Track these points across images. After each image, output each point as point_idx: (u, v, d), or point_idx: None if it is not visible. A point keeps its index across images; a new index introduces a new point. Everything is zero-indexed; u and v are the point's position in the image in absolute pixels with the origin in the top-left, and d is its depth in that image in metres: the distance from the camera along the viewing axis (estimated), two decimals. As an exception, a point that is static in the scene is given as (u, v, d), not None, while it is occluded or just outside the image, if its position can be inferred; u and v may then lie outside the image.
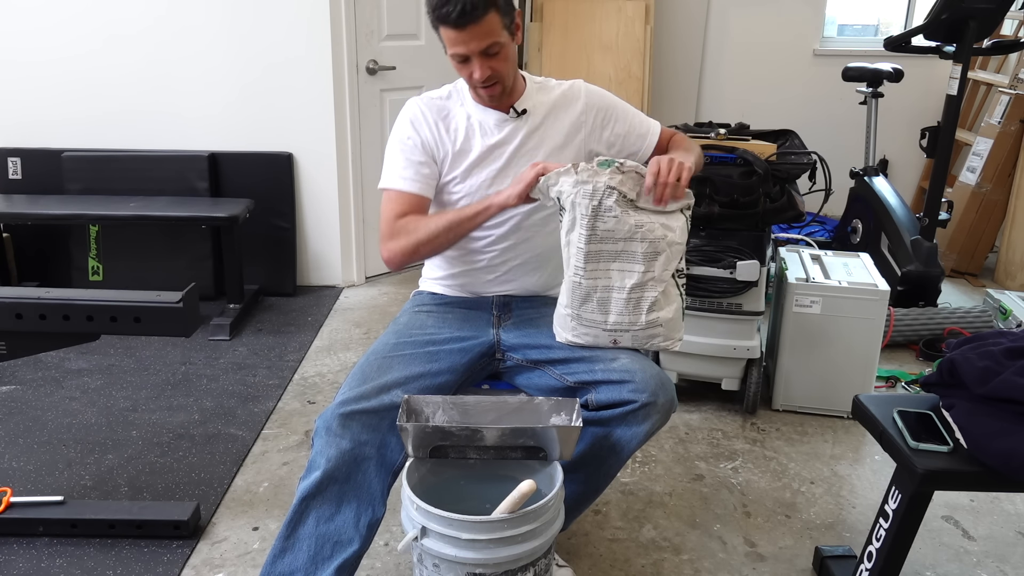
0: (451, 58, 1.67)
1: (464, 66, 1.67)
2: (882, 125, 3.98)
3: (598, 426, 1.67)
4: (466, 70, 1.68)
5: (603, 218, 1.56)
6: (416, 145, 1.76)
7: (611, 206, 1.56)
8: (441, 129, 1.77)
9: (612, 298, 1.62)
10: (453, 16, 1.58)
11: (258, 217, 3.45)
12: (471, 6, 1.57)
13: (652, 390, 1.63)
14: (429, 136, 1.77)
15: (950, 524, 2.12)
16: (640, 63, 4.26)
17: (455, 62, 1.67)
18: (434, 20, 1.63)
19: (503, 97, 1.75)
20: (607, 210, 1.56)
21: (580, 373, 1.70)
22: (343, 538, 1.52)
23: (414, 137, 1.77)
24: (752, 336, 2.55)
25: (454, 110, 1.79)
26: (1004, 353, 1.50)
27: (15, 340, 1.80)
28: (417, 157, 1.76)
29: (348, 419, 1.55)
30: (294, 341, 3.17)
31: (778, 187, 2.43)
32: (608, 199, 1.56)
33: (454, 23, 1.59)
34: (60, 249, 3.58)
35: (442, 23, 1.61)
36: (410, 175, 1.75)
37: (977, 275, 4.05)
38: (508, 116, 1.78)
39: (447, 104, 1.80)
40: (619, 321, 1.63)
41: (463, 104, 1.80)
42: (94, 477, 2.24)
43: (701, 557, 1.98)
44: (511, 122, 1.78)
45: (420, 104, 1.80)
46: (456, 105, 1.80)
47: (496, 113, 1.78)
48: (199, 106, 3.53)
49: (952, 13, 3.11)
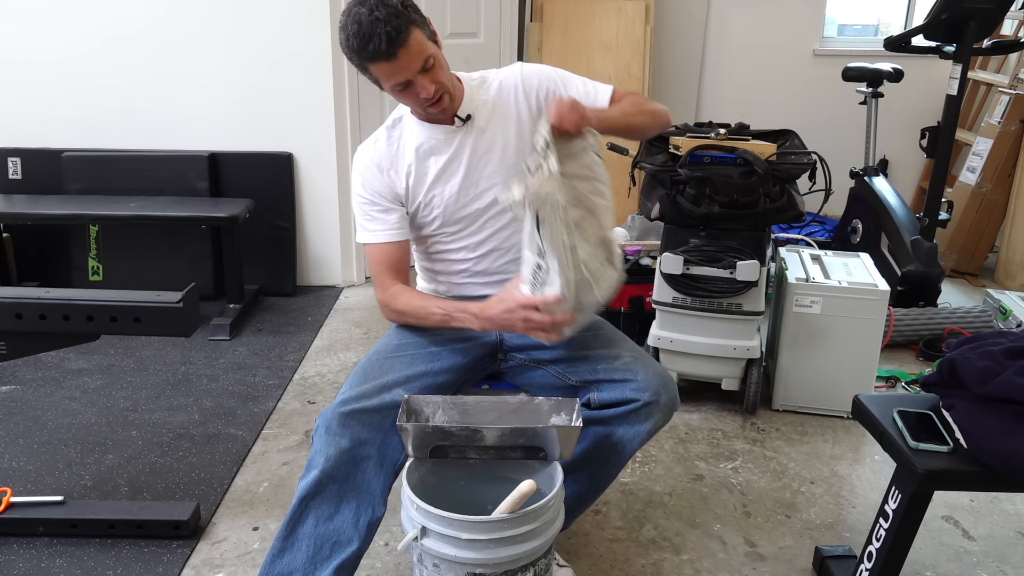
0: (391, 91, 1.61)
1: (407, 92, 1.61)
2: (882, 125, 3.97)
3: (600, 425, 1.67)
4: (411, 95, 1.62)
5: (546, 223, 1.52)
6: (371, 199, 1.75)
7: (546, 217, 1.50)
8: (391, 174, 1.74)
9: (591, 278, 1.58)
10: (383, 48, 1.51)
11: (258, 217, 3.45)
12: (395, 31, 1.51)
13: (654, 389, 1.63)
14: (380, 186, 1.74)
15: (950, 524, 2.12)
16: (640, 63, 4.26)
17: (396, 93, 1.62)
18: (362, 62, 1.56)
19: (451, 106, 1.68)
20: (543, 221, 1.51)
21: (582, 372, 1.70)
22: (342, 538, 1.52)
23: (365, 195, 1.75)
24: (752, 336, 2.55)
25: (403, 142, 1.75)
26: (1004, 353, 1.50)
27: (15, 340, 1.80)
28: (377, 210, 1.75)
29: (348, 418, 1.55)
30: (294, 341, 3.17)
31: (778, 187, 2.43)
32: (544, 210, 1.50)
33: (385, 54, 1.52)
34: (60, 249, 3.58)
35: (372, 60, 1.54)
36: (377, 228, 1.75)
37: (977, 275, 4.05)
38: (454, 127, 1.72)
39: (394, 136, 1.76)
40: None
41: (410, 132, 1.74)
42: (94, 477, 2.24)
43: (701, 557, 1.98)
44: (458, 132, 1.72)
45: (367, 155, 1.76)
46: (404, 135, 1.75)
47: (442, 128, 1.72)
48: (199, 106, 3.53)
49: (952, 13, 3.11)
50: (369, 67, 1.56)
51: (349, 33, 1.53)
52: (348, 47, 1.55)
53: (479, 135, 1.73)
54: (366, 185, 1.75)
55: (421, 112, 1.69)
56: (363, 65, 1.57)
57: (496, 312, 1.59)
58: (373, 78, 1.60)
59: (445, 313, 1.67)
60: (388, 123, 1.77)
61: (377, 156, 1.75)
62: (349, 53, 1.56)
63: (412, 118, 1.74)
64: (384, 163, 1.74)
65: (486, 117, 1.74)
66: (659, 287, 2.58)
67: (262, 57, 3.47)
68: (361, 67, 1.58)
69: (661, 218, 2.53)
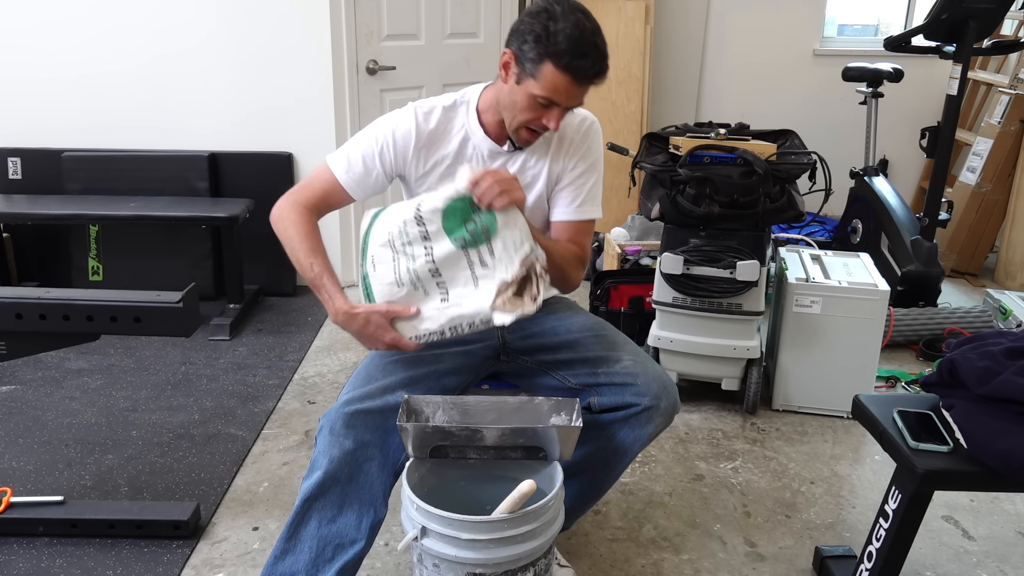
0: (530, 98, 1.54)
1: (538, 109, 1.55)
2: (882, 125, 3.98)
3: (601, 429, 1.67)
4: (537, 112, 1.56)
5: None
6: (377, 151, 1.68)
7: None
8: (419, 153, 1.69)
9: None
10: (589, 72, 1.49)
11: (258, 217, 3.43)
12: (603, 68, 1.51)
13: (655, 393, 1.63)
14: (395, 154, 1.69)
15: (950, 524, 2.12)
16: (640, 63, 4.26)
17: (530, 103, 1.55)
18: (549, 58, 1.48)
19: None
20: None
21: (582, 375, 1.70)
22: (345, 540, 1.52)
23: (377, 142, 1.68)
24: (752, 336, 2.55)
25: (452, 129, 1.69)
26: (1004, 353, 1.50)
27: (15, 340, 1.80)
28: (373, 163, 1.69)
29: (353, 419, 1.55)
30: (294, 341, 3.17)
31: (778, 187, 2.43)
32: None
33: (583, 76, 1.50)
34: (60, 249, 3.58)
35: (565, 68, 1.48)
36: (351, 168, 1.69)
37: (977, 275, 4.05)
38: (503, 149, 1.69)
39: (446, 120, 1.69)
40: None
41: (464, 125, 1.69)
42: (94, 477, 2.24)
43: (701, 557, 1.98)
44: (503, 156, 1.70)
45: (414, 119, 1.68)
46: (456, 123, 1.70)
47: (490, 142, 1.69)
48: (199, 106, 3.53)
49: (952, 13, 3.11)
50: (552, 68, 1.49)
51: (562, 30, 1.47)
52: (550, 39, 1.48)
53: (521, 169, 1.70)
54: (387, 139, 1.68)
55: (510, 124, 1.62)
56: (545, 59, 1.49)
57: (353, 327, 1.57)
58: (530, 72, 1.52)
59: (315, 279, 1.62)
60: (448, 102, 1.70)
61: (421, 130, 1.68)
62: (542, 43, 1.48)
63: (474, 115, 1.68)
64: (421, 140, 1.68)
65: (535, 158, 1.71)
66: (659, 287, 2.58)
67: (262, 57, 3.47)
68: (537, 58, 1.50)
69: (661, 218, 2.53)
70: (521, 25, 1.54)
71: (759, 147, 2.51)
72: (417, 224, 1.53)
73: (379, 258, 1.56)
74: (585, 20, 1.51)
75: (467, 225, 1.52)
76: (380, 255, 1.56)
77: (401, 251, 1.54)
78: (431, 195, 1.55)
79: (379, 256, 1.56)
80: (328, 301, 1.60)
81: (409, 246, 1.54)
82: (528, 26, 1.51)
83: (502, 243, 1.52)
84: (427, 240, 1.53)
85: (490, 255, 1.53)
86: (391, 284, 1.55)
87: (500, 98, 1.62)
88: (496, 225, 1.51)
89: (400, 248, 1.54)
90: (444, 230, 1.52)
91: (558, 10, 1.50)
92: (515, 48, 1.54)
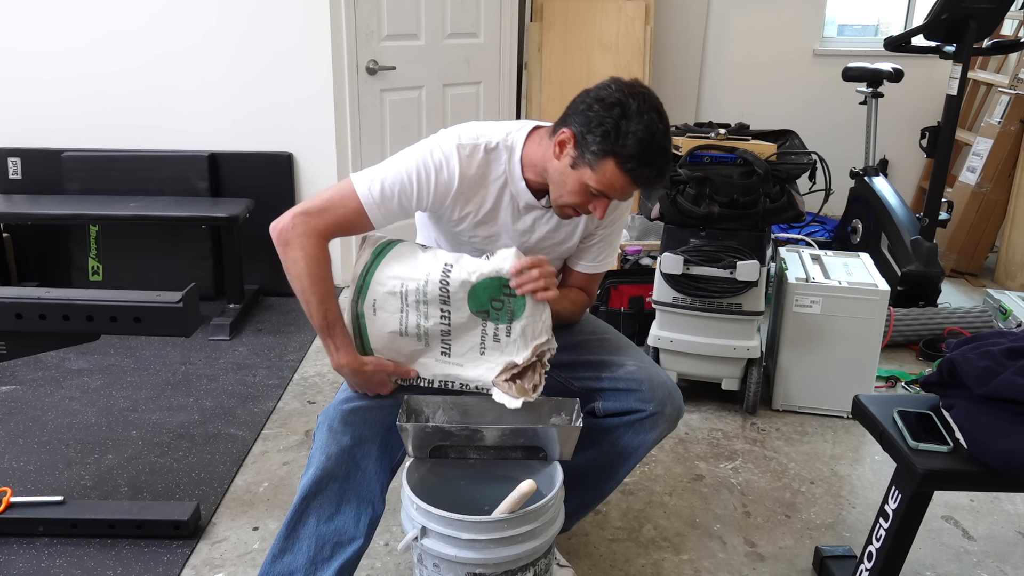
0: (583, 186, 1.49)
1: (589, 198, 1.52)
2: (882, 125, 3.97)
3: (605, 433, 1.67)
4: (586, 200, 1.52)
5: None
6: (417, 194, 1.56)
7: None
8: (459, 202, 1.59)
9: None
10: (650, 180, 1.48)
11: (258, 217, 3.44)
12: (667, 173, 1.52)
13: (660, 399, 1.63)
14: (433, 194, 1.57)
15: (950, 524, 2.12)
16: (640, 63, 4.26)
17: (581, 190, 1.50)
18: (621, 164, 1.45)
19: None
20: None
21: (586, 379, 1.70)
22: (343, 538, 1.52)
23: (424, 191, 1.56)
24: (752, 336, 2.55)
25: (491, 175, 1.60)
26: (1004, 353, 1.50)
27: (15, 340, 1.80)
28: (409, 204, 1.57)
29: (351, 415, 1.55)
30: (294, 341, 3.17)
31: (778, 187, 2.43)
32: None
33: (642, 184, 1.48)
34: (60, 249, 3.58)
35: (628, 173, 1.46)
36: (388, 208, 1.56)
37: (977, 275, 4.05)
38: (540, 203, 1.62)
39: (487, 163, 1.59)
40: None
41: (505, 172, 1.60)
42: (94, 477, 2.24)
43: (701, 557, 1.98)
44: (538, 210, 1.63)
45: (460, 162, 1.56)
46: (496, 168, 1.60)
47: (529, 195, 1.61)
48: (199, 106, 3.53)
49: (952, 13, 3.11)
50: (614, 167, 1.46)
51: (634, 133, 1.43)
52: (619, 139, 1.43)
53: (552, 227, 1.66)
54: (429, 182, 1.56)
55: (555, 199, 1.56)
56: (609, 156, 1.45)
57: (355, 379, 1.56)
58: (588, 162, 1.47)
59: (327, 328, 1.54)
60: (491, 142, 1.60)
61: (463, 176, 1.57)
62: (610, 140, 1.44)
63: (517, 164, 1.59)
64: (464, 186, 1.58)
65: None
66: (659, 287, 2.58)
67: (262, 57, 3.47)
68: (601, 153, 1.45)
69: (661, 218, 2.53)
70: (589, 111, 1.46)
71: (759, 147, 2.51)
72: (440, 289, 1.51)
73: (383, 305, 1.54)
74: (658, 121, 1.45)
75: (493, 302, 1.52)
76: (385, 303, 1.53)
77: (412, 307, 1.52)
78: (463, 264, 1.51)
79: (383, 303, 1.54)
80: (336, 351, 1.54)
81: (423, 304, 1.52)
82: (598, 117, 1.45)
83: (522, 328, 1.53)
84: (446, 305, 1.52)
85: (506, 335, 1.54)
86: (392, 334, 1.54)
87: (548, 170, 1.55)
88: (523, 312, 1.52)
89: (412, 304, 1.52)
90: (468, 302, 1.51)
91: (633, 107, 1.44)
92: (577, 132, 1.48)
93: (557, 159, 1.52)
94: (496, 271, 1.51)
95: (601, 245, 1.74)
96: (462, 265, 1.52)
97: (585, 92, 1.52)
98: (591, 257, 1.75)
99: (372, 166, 1.61)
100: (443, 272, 1.51)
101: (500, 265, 1.51)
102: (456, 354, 1.56)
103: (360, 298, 1.56)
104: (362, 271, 1.57)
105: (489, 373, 1.56)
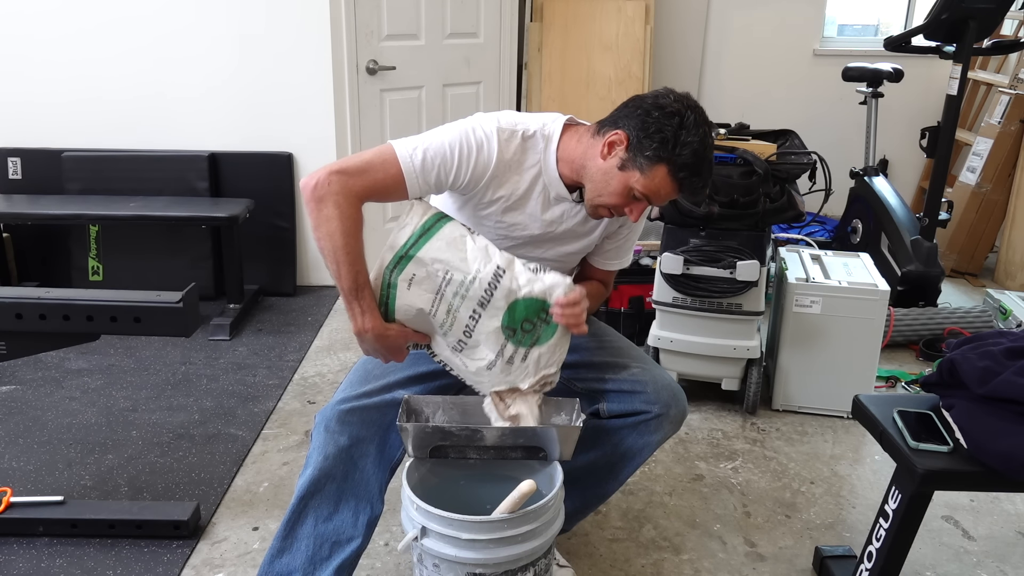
0: (627, 188, 1.50)
1: (630, 201, 1.53)
2: (882, 125, 3.97)
3: (609, 435, 1.68)
4: (625, 202, 1.53)
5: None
6: (455, 171, 1.54)
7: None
8: (492, 184, 1.58)
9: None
10: (696, 190, 1.52)
11: (258, 217, 3.45)
12: (704, 190, 1.55)
13: (664, 401, 1.63)
14: (473, 181, 1.57)
15: (950, 524, 2.12)
16: (640, 63, 4.26)
17: (624, 191, 1.51)
18: (673, 172, 1.47)
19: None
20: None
21: (589, 381, 1.70)
22: (342, 537, 1.53)
23: (463, 169, 1.55)
24: (752, 336, 2.55)
25: (526, 162, 1.60)
26: (1004, 353, 1.50)
27: (15, 340, 1.80)
28: (445, 178, 1.55)
29: (348, 415, 1.55)
30: (294, 341, 3.17)
31: (778, 187, 2.43)
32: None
33: (687, 193, 1.52)
34: (60, 249, 3.58)
35: (678, 181, 1.48)
36: (426, 180, 1.53)
37: (977, 275, 4.05)
38: (571, 197, 1.62)
39: (523, 150, 1.59)
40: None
41: (540, 162, 1.60)
42: (94, 477, 2.24)
43: (701, 557, 1.98)
44: (567, 203, 1.63)
45: (499, 144, 1.56)
46: (531, 156, 1.60)
47: (561, 186, 1.60)
48: (199, 106, 3.53)
49: (952, 13, 3.11)
50: (665, 173, 1.48)
51: (690, 144, 1.46)
52: (677, 147, 1.46)
53: (579, 221, 1.66)
54: (469, 160, 1.55)
55: (591, 198, 1.57)
56: (663, 163, 1.47)
57: (376, 344, 1.51)
58: (639, 165, 1.48)
59: (354, 290, 1.47)
60: (528, 130, 1.60)
61: (501, 159, 1.57)
62: (667, 147, 1.46)
63: (553, 154, 1.59)
64: (500, 169, 1.57)
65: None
66: (659, 287, 2.58)
67: (262, 57, 3.47)
68: (656, 158, 1.47)
69: (661, 218, 2.53)
70: (647, 117, 1.48)
71: (759, 147, 2.51)
72: (484, 292, 1.48)
73: (420, 283, 1.48)
74: (708, 136, 1.49)
75: (525, 323, 1.51)
76: (423, 282, 1.48)
77: (449, 296, 1.49)
78: (514, 274, 1.49)
79: (421, 281, 1.48)
80: (361, 315, 1.48)
81: (460, 299, 1.49)
82: (657, 123, 1.46)
83: (538, 355, 1.53)
84: (482, 308, 1.49)
85: (521, 360, 1.53)
86: (420, 311, 1.50)
87: (588, 167, 1.55)
88: (548, 341, 1.52)
89: (450, 294, 1.49)
90: (504, 313, 1.49)
91: (691, 119, 1.47)
92: (632, 134, 1.49)
93: (603, 159, 1.52)
94: (545, 294, 1.50)
95: (623, 245, 1.77)
96: (514, 274, 1.49)
97: (640, 98, 1.53)
98: (612, 256, 1.77)
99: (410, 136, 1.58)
100: (494, 275, 1.48)
101: (552, 290, 1.49)
102: (468, 351, 1.54)
103: (397, 268, 1.49)
104: (406, 242, 1.49)
105: (489, 386, 1.56)
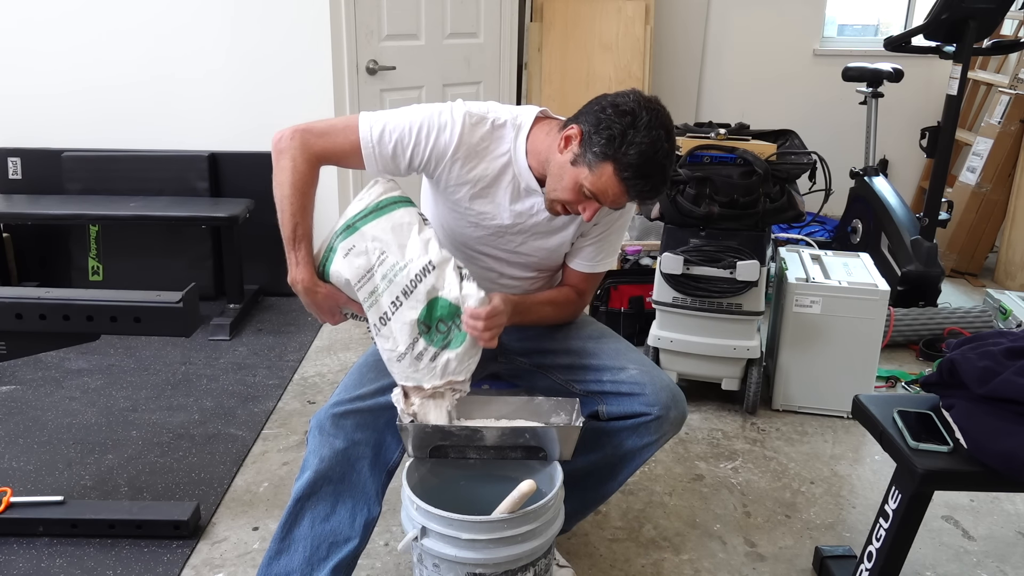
0: (577, 184, 1.49)
1: (582, 198, 1.51)
2: (882, 125, 3.97)
3: (609, 436, 1.67)
4: (578, 199, 1.51)
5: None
6: (412, 147, 1.57)
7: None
8: (455, 167, 1.59)
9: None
10: (642, 193, 1.48)
11: (258, 217, 3.44)
12: (661, 191, 1.52)
13: (664, 403, 1.63)
14: (432, 161, 1.59)
15: (950, 524, 2.12)
16: (640, 63, 4.26)
17: (575, 187, 1.50)
18: (618, 171, 1.45)
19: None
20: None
21: (588, 382, 1.70)
22: (339, 538, 1.53)
23: (420, 147, 1.57)
24: (752, 336, 2.55)
25: (496, 151, 1.60)
26: (1004, 353, 1.50)
27: (15, 340, 1.80)
28: (402, 154, 1.58)
29: (341, 418, 1.55)
30: (294, 341, 3.17)
31: (778, 187, 2.43)
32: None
33: (634, 195, 1.48)
34: (60, 249, 3.58)
35: (623, 181, 1.45)
36: (382, 151, 1.57)
37: (977, 275, 4.05)
38: (540, 189, 1.60)
39: (492, 138, 1.60)
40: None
41: (511, 151, 1.60)
42: (94, 477, 2.24)
43: (701, 557, 1.98)
44: (537, 196, 1.61)
45: (463, 128, 1.57)
46: (502, 145, 1.60)
47: (531, 177, 1.60)
48: (199, 106, 3.53)
49: (952, 13, 3.11)
50: (611, 172, 1.45)
51: (638, 144, 1.43)
52: (622, 146, 1.43)
53: (551, 216, 1.63)
54: (427, 139, 1.57)
55: (548, 192, 1.56)
56: (608, 161, 1.45)
57: (307, 299, 1.57)
58: (588, 162, 1.47)
59: (293, 239, 1.56)
60: (499, 119, 1.60)
61: (463, 142, 1.58)
62: (613, 145, 1.44)
63: (523, 144, 1.59)
64: (460, 152, 1.58)
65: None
66: (659, 287, 2.58)
67: (262, 57, 3.47)
68: (602, 155, 1.45)
69: (661, 218, 2.53)
70: (602, 113, 1.47)
71: (759, 147, 2.51)
72: (409, 282, 1.50)
73: (357, 255, 1.52)
74: (664, 140, 1.45)
75: (440, 324, 1.52)
76: (359, 256, 1.51)
77: (378, 276, 1.51)
78: (441, 274, 1.51)
79: (358, 255, 1.52)
80: (295, 266, 1.56)
81: (386, 282, 1.51)
82: (607, 120, 1.45)
83: (447, 359, 1.53)
84: (404, 296, 1.51)
85: (430, 360, 1.53)
86: (346, 281, 1.53)
87: (550, 161, 1.55)
88: (458, 348, 1.53)
89: (379, 275, 1.51)
90: (423, 307, 1.51)
91: (644, 120, 1.44)
92: (585, 130, 1.48)
93: (560, 153, 1.52)
94: (458, 301, 1.52)
95: (598, 246, 1.73)
96: (442, 274, 1.52)
97: (603, 95, 1.52)
98: (588, 256, 1.74)
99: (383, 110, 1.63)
100: (423, 269, 1.51)
101: (466, 299, 1.52)
102: (382, 340, 1.54)
103: (343, 235, 1.54)
104: (357, 212, 1.55)
105: (398, 376, 1.56)
